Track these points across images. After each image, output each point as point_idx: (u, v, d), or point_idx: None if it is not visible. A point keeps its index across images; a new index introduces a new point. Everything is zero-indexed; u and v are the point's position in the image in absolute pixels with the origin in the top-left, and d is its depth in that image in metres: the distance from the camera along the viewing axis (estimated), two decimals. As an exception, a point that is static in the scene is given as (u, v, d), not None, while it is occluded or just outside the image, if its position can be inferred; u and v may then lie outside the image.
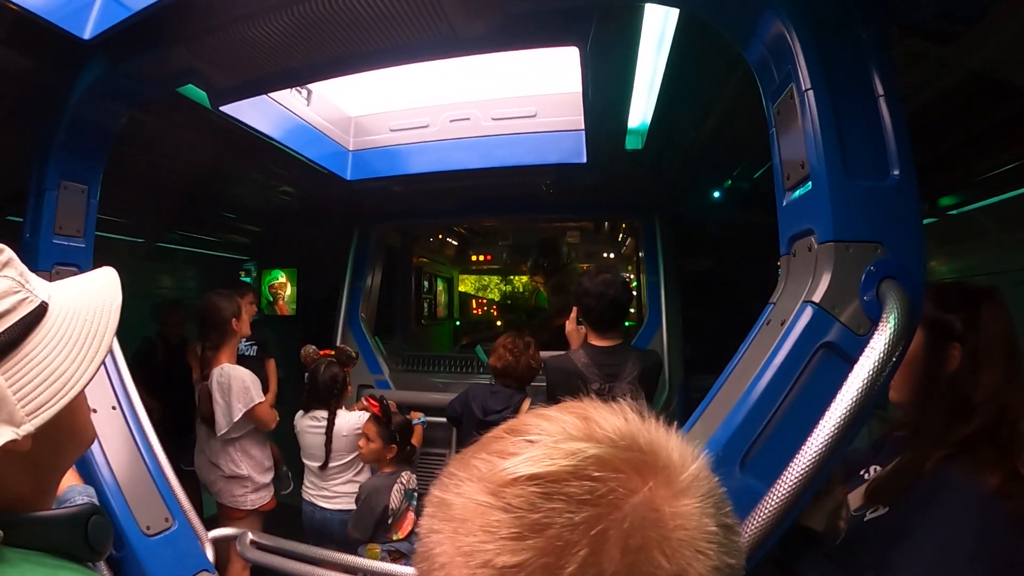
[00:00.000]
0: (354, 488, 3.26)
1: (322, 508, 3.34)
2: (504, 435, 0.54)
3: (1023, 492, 1.22)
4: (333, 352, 3.56)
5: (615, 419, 0.53)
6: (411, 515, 3.02)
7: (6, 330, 0.77)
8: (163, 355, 4.57)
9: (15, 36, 1.93)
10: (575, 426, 0.51)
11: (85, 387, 0.83)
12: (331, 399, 3.35)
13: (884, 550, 1.34)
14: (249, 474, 3.39)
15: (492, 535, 0.45)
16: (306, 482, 3.43)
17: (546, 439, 0.50)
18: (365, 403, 3.25)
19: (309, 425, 3.37)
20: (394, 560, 2.80)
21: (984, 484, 1.25)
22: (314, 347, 3.57)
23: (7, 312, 0.78)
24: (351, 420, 3.34)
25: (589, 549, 0.43)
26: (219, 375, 3.32)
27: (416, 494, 3.10)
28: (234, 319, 3.44)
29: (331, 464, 3.32)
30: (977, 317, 1.39)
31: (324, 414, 3.34)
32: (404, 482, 3.01)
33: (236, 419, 3.25)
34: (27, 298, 0.81)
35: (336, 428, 3.30)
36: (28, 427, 0.75)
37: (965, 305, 1.42)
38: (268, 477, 3.49)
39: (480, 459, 0.52)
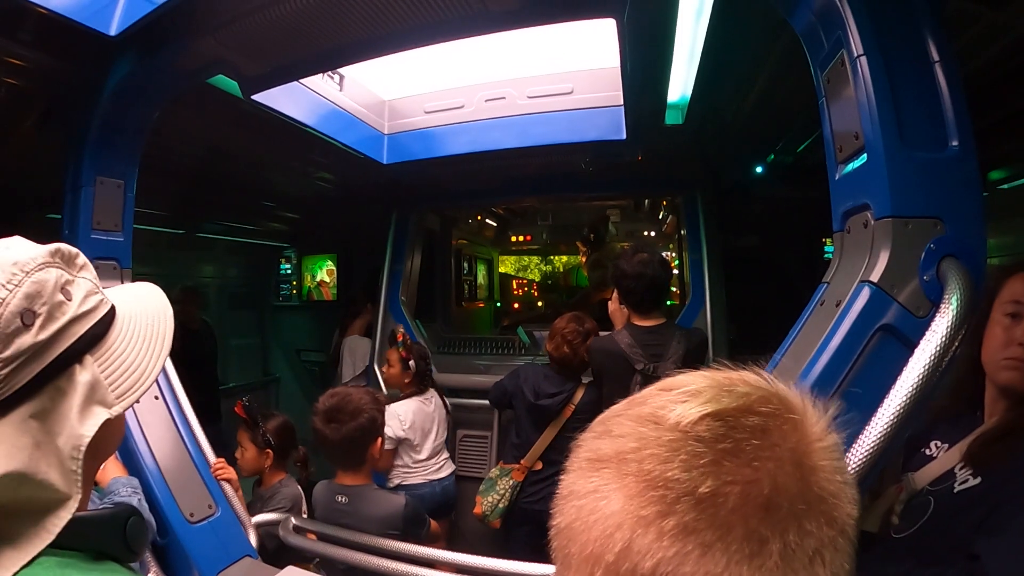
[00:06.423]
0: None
1: (440, 479, 3.51)
2: (658, 392, 0.55)
3: None
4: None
5: (748, 375, 0.56)
6: None
7: (96, 323, 0.84)
8: (183, 341, 4.67)
9: (44, 37, 1.97)
10: (721, 382, 0.54)
11: (155, 380, 0.91)
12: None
13: (979, 521, 1.26)
14: None
15: (691, 465, 0.46)
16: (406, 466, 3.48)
17: (706, 390, 0.52)
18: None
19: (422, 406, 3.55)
20: None
21: None
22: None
23: (93, 309, 0.84)
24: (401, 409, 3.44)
25: (778, 470, 0.46)
26: (350, 342, 4.98)
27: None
28: (368, 304, 5.04)
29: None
30: None
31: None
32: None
33: (357, 373, 4.68)
34: (104, 299, 0.88)
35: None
36: (117, 409, 0.82)
37: None
38: None
39: (649, 409, 0.52)
